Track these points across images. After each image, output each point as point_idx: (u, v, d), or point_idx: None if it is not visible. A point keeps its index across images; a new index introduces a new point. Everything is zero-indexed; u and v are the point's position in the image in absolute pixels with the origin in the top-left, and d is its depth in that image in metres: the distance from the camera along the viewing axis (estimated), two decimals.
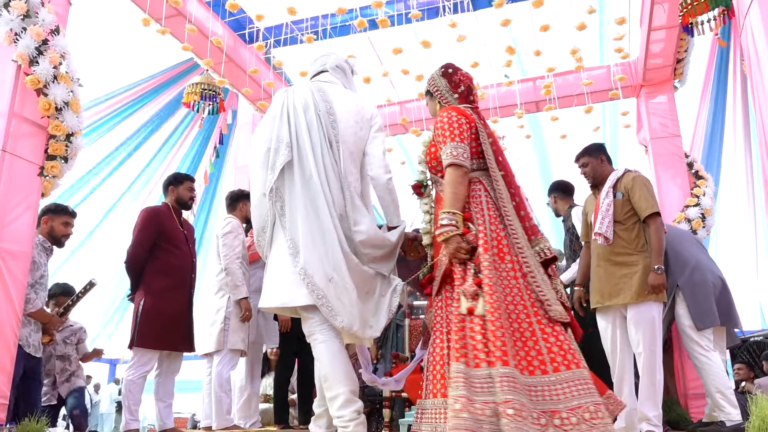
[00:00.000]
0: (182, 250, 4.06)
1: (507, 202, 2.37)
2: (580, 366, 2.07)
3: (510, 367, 1.96)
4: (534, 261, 2.29)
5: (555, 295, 2.25)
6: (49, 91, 3.25)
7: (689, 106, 6.20)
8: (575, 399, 1.98)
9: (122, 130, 6.84)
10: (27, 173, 3.23)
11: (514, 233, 2.31)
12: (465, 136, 2.37)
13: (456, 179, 2.31)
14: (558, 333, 2.13)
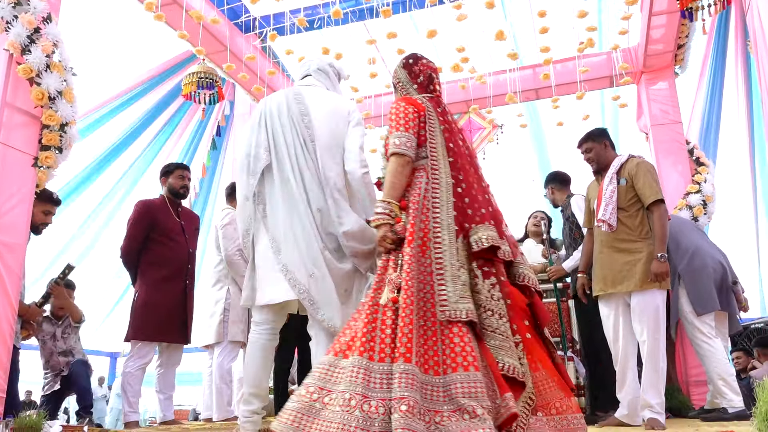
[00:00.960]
0: (177, 241, 4.04)
1: (442, 191, 2.30)
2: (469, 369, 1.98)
3: (411, 364, 1.95)
4: (452, 255, 2.18)
5: (460, 293, 2.11)
6: (42, 81, 3.19)
7: (691, 92, 6.15)
8: (460, 400, 1.92)
9: (119, 122, 6.78)
10: (21, 164, 3.18)
11: (437, 226, 2.24)
12: (411, 125, 2.37)
13: (395, 168, 2.33)
14: (455, 335, 2.04)
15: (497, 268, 2.24)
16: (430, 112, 2.45)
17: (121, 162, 7.18)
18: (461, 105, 6.20)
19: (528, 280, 2.30)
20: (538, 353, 2.18)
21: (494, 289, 2.18)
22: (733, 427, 3.14)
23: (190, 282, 4.06)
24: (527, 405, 2.04)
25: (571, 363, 4.10)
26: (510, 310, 2.18)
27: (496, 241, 2.20)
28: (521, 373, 2.05)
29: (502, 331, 2.10)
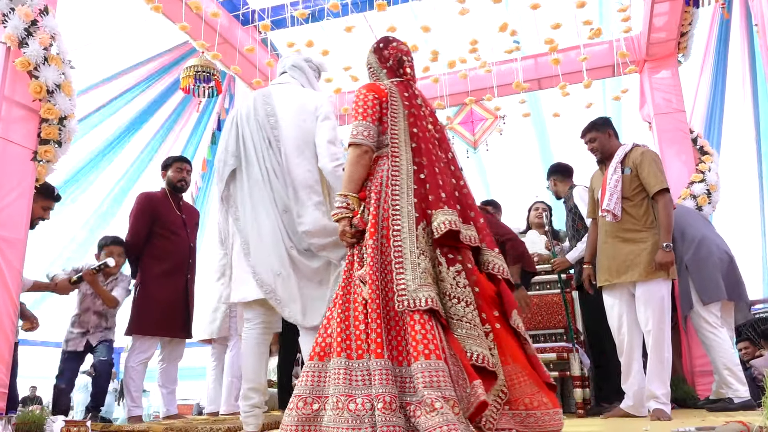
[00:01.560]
0: (179, 235, 4.03)
1: (403, 178, 2.21)
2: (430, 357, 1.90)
3: (384, 359, 1.93)
4: (412, 243, 2.10)
5: (420, 281, 2.03)
6: (40, 74, 3.16)
7: (694, 80, 6.09)
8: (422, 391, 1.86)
9: (119, 117, 6.74)
10: (20, 158, 3.16)
11: (396, 214, 2.15)
12: (369, 113, 2.30)
13: (352, 159, 2.27)
14: (416, 322, 1.96)
15: (463, 254, 2.16)
16: (394, 97, 2.36)
17: (122, 157, 7.14)
18: (463, 95, 6.15)
19: (495, 267, 2.23)
20: (510, 345, 2.10)
21: (459, 276, 2.09)
22: (740, 417, 3.12)
23: (191, 276, 4.05)
24: (499, 398, 1.97)
25: (576, 354, 4.08)
26: (478, 298, 2.11)
27: (455, 226, 2.10)
28: (491, 362, 1.98)
29: (469, 319, 2.02)
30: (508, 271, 2.23)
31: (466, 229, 2.20)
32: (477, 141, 6.35)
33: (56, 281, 3.83)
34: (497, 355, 2.05)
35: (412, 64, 2.53)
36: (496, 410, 1.94)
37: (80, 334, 3.90)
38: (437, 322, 2.00)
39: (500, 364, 2.04)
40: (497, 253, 2.25)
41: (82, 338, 3.90)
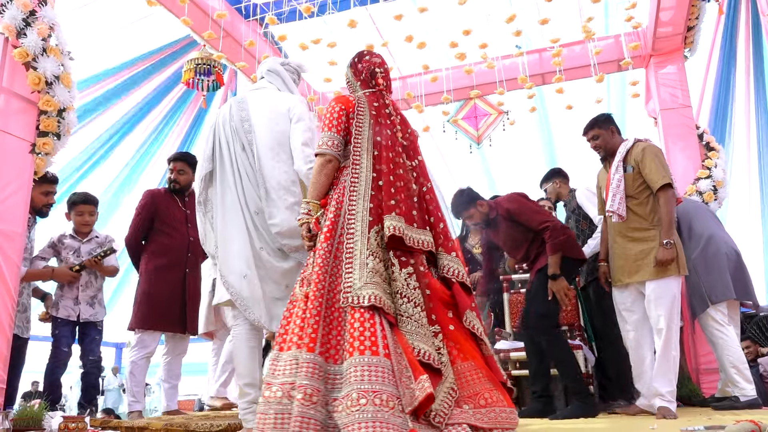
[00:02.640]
0: (179, 230, 4.04)
1: (361, 185, 2.33)
2: (365, 353, 1.97)
3: (314, 354, 2.01)
4: (363, 244, 2.20)
5: (366, 279, 2.12)
6: (39, 65, 3.13)
7: (700, 75, 6.03)
8: (355, 384, 1.91)
9: (119, 110, 6.70)
10: (18, 151, 3.12)
11: (351, 218, 2.28)
12: (335, 124, 2.44)
13: (317, 168, 2.43)
14: (356, 320, 2.05)
15: (416, 258, 2.24)
16: (361, 108, 2.49)
17: (121, 150, 7.11)
18: (467, 90, 6.10)
19: (450, 270, 2.27)
20: (465, 345, 2.16)
21: (411, 278, 2.18)
22: (747, 415, 3.08)
23: (191, 271, 4.00)
24: (449, 395, 2.01)
25: (580, 351, 4.03)
26: (430, 300, 2.18)
27: (398, 231, 2.19)
28: (437, 360, 2.03)
29: (416, 318, 2.10)
30: (464, 274, 2.28)
31: (418, 234, 2.28)
32: (480, 136, 6.30)
33: (53, 269, 3.86)
34: (446, 355, 2.11)
35: (386, 75, 2.64)
36: (447, 406, 1.98)
37: (73, 298, 3.91)
38: (382, 319, 2.07)
39: (450, 363, 2.09)
40: (454, 256, 2.31)
41: (75, 305, 3.90)
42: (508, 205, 3.78)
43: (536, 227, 3.66)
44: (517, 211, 3.74)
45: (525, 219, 3.72)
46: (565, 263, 3.58)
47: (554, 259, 3.55)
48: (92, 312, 3.97)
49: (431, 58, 5.90)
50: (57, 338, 3.86)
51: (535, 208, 3.83)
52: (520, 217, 3.73)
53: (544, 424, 3.24)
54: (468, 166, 7.28)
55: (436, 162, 7.71)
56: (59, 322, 3.88)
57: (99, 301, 4.07)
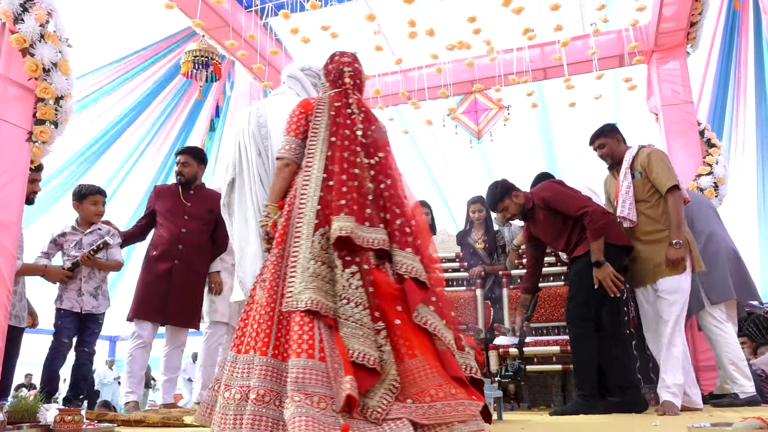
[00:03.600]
0: (173, 222, 4.05)
1: (311, 186, 2.35)
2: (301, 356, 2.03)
3: (267, 357, 2.09)
4: (307, 248, 2.22)
5: (306, 284, 2.15)
6: (36, 51, 3.07)
7: (701, 71, 6.01)
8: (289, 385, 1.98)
9: (117, 102, 6.64)
10: (14, 139, 3.07)
11: (299, 222, 2.31)
12: (293, 128, 2.52)
13: (275, 171, 2.51)
14: (295, 323, 2.10)
15: (361, 256, 2.23)
16: (320, 109, 2.53)
17: (118, 145, 7.04)
18: (468, 84, 6.06)
19: (402, 267, 2.25)
20: (414, 340, 2.14)
21: (353, 277, 2.18)
22: (747, 412, 3.07)
23: (180, 262, 3.97)
24: (389, 392, 2.02)
25: None
26: (375, 297, 2.18)
27: (345, 232, 2.19)
28: (373, 359, 2.03)
29: (356, 319, 2.11)
30: (417, 269, 2.25)
31: (370, 233, 2.27)
32: (481, 131, 6.27)
33: (45, 266, 3.82)
34: (389, 351, 2.11)
35: (354, 74, 2.65)
36: (386, 402, 2.00)
37: (76, 290, 3.88)
38: (321, 322, 2.11)
39: (396, 360, 2.10)
40: (408, 252, 2.28)
41: (78, 296, 3.87)
42: (543, 194, 3.71)
43: (574, 213, 3.57)
44: (553, 199, 3.66)
45: (562, 206, 3.63)
46: (608, 250, 3.47)
47: (596, 245, 3.44)
48: (95, 304, 3.93)
49: (433, 51, 5.84)
50: (59, 329, 3.81)
51: (572, 194, 3.71)
52: (557, 205, 3.65)
53: (545, 418, 3.23)
54: (468, 160, 7.25)
55: (435, 156, 7.69)
56: (62, 313, 3.84)
57: (103, 293, 4.03)
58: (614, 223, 3.60)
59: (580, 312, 3.54)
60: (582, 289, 3.53)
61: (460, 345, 2.19)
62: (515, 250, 4.81)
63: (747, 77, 5.87)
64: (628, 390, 3.50)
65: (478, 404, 2.02)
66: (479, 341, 4.49)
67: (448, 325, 2.20)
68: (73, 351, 3.91)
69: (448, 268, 4.95)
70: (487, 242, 5.18)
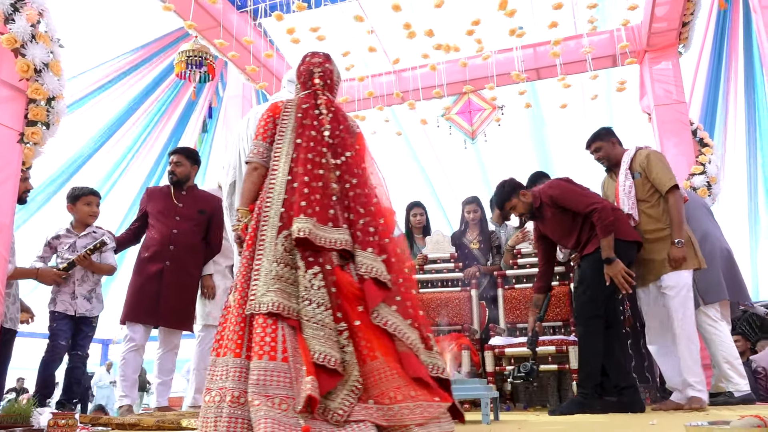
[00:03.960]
0: (164, 224, 4.03)
1: (276, 189, 2.35)
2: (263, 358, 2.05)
3: (240, 359, 2.10)
4: (270, 251, 2.23)
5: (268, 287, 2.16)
6: (27, 52, 3.04)
7: (692, 71, 6.04)
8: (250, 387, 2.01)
9: (109, 103, 6.60)
10: (6, 140, 3.03)
11: (264, 225, 2.31)
12: (262, 132, 2.52)
13: (245, 176, 2.53)
14: (258, 325, 2.11)
15: (324, 257, 2.23)
16: (287, 112, 2.54)
17: (109, 147, 7.00)
18: (461, 84, 6.06)
19: (363, 267, 2.25)
20: (375, 342, 2.13)
21: (316, 278, 2.17)
22: (744, 411, 3.08)
23: (172, 264, 3.94)
24: (351, 393, 2.03)
25: (575, 347, 4.01)
26: (337, 298, 2.17)
27: (303, 233, 2.19)
28: (334, 360, 2.03)
29: (318, 320, 2.10)
30: (376, 269, 2.24)
31: (332, 233, 2.27)
32: (475, 131, 6.27)
33: (38, 269, 3.79)
34: (351, 351, 2.11)
35: (324, 74, 2.65)
36: (348, 404, 2.00)
37: (70, 293, 3.85)
38: (284, 324, 2.11)
39: (359, 361, 2.10)
40: (369, 252, 2.28)
41: (72, 299, 3.84)
42: (550, 192, 3.67)
43: (583, 210, 3.52)
44: (561, 196, 3.62)
45: (570, 203, 3.58)
46: (619, 246, 3.43)
47: (607, 242, 3.39)
48: (88, 307, 3.90)
49: (426, 52, 5.84)
50: (55, 332, 3.78)
51: (580, 190, 3.65)
52: (565, 202, 3.60)
53: (541, 418, 3.23)
54: (462, 161, 7.25)
55: (429, 157, 7.68)
56: (57, 316, 3.81)
57: (97, 296, 4.01)
58: (624, 218, 3.57)
59: (589, 309, 3.51)
60: (591, 286, 3.49)
61: (428, 345, 2.18)
62: (510, 251, 4.82)
63: (737, 76, 5.91)
64: (625, 390, 3.49)
65: (440, 405, 2.02)
66: (474, 342, 4.49)
67: (415, 324, 2.19)
68: (66, 354, 3.88)
69: (443, 268, 4.95)
70: (482, 242, 5.18)
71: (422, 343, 2.16)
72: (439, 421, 2.00)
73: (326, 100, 2.57)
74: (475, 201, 5.25)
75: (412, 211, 5.41)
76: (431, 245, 5.06)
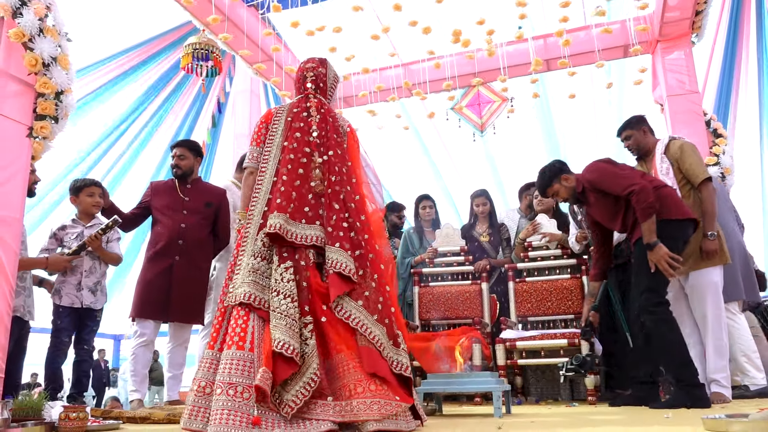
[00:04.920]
0: (172, 218, 3.99)
1: (262, 190, 2.48)
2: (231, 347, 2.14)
3: (213, 351, 2.23)
4: (250, 247, 2.35)
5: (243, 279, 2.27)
6: (35, 46, 3.03)
7: (706, 61, 5.95)
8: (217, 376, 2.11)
9: (118, 99, 6.61)
10: (15, 134, 3.03)
11: (248, 223, 2.44)
12: (255, 138, 2.66)
13: (243, 180, 2.66)
14: (232, 317, 2.23)
15: (300, 253, 2.33)
16: (278, 116, 2.67)
17: (119, 141, 7.01)
18: (470, 77, 6.01)
19: (330, 262, 2.32)
20: (342, 336, 2.22)
21: (287, 272, 2.26)
22: (762, 404, 3.03)
23: (181, 258, 3.92)
24: (307, 387, 2.08)
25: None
26: (308, 292, 2.26)
27: (275, 227, 2.30)
28: (292, 349, 2.09)
29: (282, 310, 2.17)
30: (341, 263, 2.30)
31: (304, 229, 2.36)
32: (484, 124, 6.22)
33: (47, 258, 3.78)
34: (313, 345, 2.17)
35: (316, 78, 2.75)
36: (302, 396, 2.06)
37: (76, 284, 3.85)
38: (255, 315, 2.21)
39: (320, 355, 2.16)
40: (336, 247, 2.35)
41: (78, 291, 3.84)
42: (589, 176, 3.49)
43: (621, 193, 3.29)
44: (599, 180, 3.42)
45: (608, 187, 3.37)
46: (668, 226, 3.19)
47: (646, 226, 3.15)
48: (93, 299, 3.90)
49: (434, 45, 5.80)
50: (59, 328, 3.78)
51: (618, 172, 3.41)
52: (603, 186, 3.40)
53: (554, 411, 3.19)
54: (472, 153, 7.20)
55: (439, 150, 7.64)
56: (61, 312, 3.81)
57: (101, 289, 4.01)
58: (672, 195, 3.32)
59: (650, 299, 3.21)
60: (647, 274, 3.21)
61: (396, 341, 2.24)
62: (521, 244, 4.77)
63: (749, 65, 5.83)
64: (643, 384, 3.42)
65: (399, 404, 2.06)
66: (485, 335, 4.46)
67: (384, 320, 2.24)
68: (73, 349, 3.89)
69: (453, 262, 4.92)
70: (492, 236, 5.15)
71: (389, 339, 2.21)
72: (397, 419, 2.04)
73: (317, 103, 2.67)
74: (484, 194, 5.21)
75: (421, 204, 5.38)
76: (441, 239, 5.03)
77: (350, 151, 2.62)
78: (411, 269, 5.01)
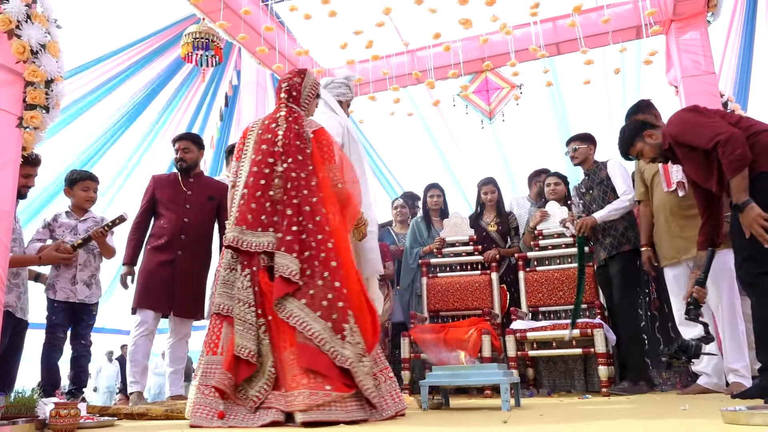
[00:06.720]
0: (175, 212, 3.95)
1: (236, 203, 2.62)
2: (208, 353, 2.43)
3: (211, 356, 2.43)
4: (225, 259, 2.53)
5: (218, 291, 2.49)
6: (23, 33, 2.92)
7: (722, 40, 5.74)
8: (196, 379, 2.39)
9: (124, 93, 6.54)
10: (4, 125, 2.93)
11: (225, 236, 2.59)
12: (236, 153, 2.81)
13: (228, 195, 2.88)
14: (212, 325, 2.48)
15: (254, 260, 2.47)
16: (251, 131, 2.79)
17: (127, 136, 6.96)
18: (478, 62, 5.86)
19: (276, 266, 2.42)
20: (287, 333, 2.33)
21: (246, 279, 2.43)
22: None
23: (183, 252, 3.88)
24: (268, 381, 2.28)
25: (600, 330, 3.84)
26: (261, 296, 2.41)
27: (227, 240, 2.51)
28: (247, 352, 2.30)
29: (241, 316, 2.37)
30: (283, 266, 2.39)
31: (258, 237, 2.49)
32: (492, 111, 6.07)
33: (39, 256, 3.69)
34: (267, 344, 2.35)
35: (290, 88, 2.84)
36: (264, 391, 2.27)
37: (70, 278, 3.79)
38: (226, 322, 2.42)
39: (271, 351, 2.34)
40: (282, 251, 2.44)
41: (72, 285, 3.77)
42: (670, 130, 3.08)
43: (707, 146, 2.86)
44: (681, 133, 3.01)
45: (692, 139, 2.95)
46: (766, 180, 2.75)
47: (735, 183, 2.71)
48: (88, 293, 3.84)
49: (441, 29, 5.64)
50: (53, 324, 3.72)
51: (702, 120, 2.95)
52: (686, 139, 2.98)
53: (565, 402, 3.06)
54: (480, 141, 7.04)
55: (446, 138, 7.50)
56: (56, 307, 3.74)
57: (96, 282, 3.95)
58: (765, 143, 2.81)
59: (752, 268, 2.78)
60: (746, 241, 2.75)
61: (342, 335, 2.29)
62: (530, 232, 4.64)
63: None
64: None
65: (328, 394, 2.15)
66: (495, 326, 4.34)
67: (329, 317, 2.30)
68: (69, 344, 3.82)
69: (462, 251, 4.80)
70: (500, 224, 5.02)
71: (336, 334, 2.28)
72: (328, 408, 2.14)
73: (287, 111, 2.77)
74: (492, 182, 5.08)
75: (429, 193, 5.27)
76: (449, 228, 4.91)
77: (314, 154, 2.64)
78: (419, 260, 4.90)
